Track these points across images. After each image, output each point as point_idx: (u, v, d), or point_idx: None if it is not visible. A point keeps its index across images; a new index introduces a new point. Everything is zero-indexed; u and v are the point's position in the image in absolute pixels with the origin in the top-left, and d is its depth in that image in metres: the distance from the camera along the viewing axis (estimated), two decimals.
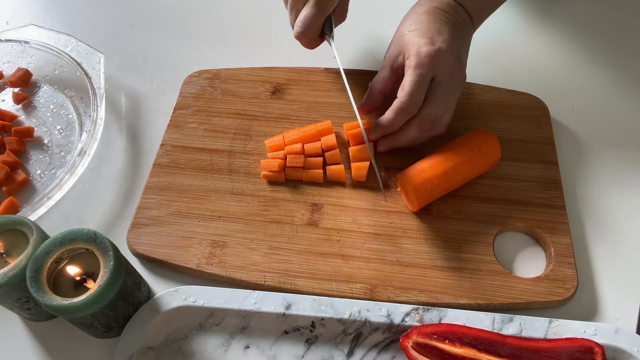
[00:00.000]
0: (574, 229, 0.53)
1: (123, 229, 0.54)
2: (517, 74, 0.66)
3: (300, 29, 0.55)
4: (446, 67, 0.50)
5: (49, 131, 0.62)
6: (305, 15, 0.54)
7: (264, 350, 0.47)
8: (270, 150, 0.57)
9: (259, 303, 0.47)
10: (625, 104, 0.64)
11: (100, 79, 0.61)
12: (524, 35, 0.71)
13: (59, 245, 0.42)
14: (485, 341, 0.44)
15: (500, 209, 0.53)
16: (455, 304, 0.48)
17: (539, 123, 0.60)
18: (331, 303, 0.47)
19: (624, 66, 0.67)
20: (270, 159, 0.56)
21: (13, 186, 0.56)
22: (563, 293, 0.48)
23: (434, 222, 0.53)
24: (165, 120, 0.62)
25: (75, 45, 0.64)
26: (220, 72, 0.65)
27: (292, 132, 0.57)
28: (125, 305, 0.45)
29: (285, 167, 0.55)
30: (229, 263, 0.51)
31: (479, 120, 0.60)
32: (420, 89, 0.50)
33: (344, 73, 0.56)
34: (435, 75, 0.51)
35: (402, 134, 0.53)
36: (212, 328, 0.48)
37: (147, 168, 0.58)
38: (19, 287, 0.42)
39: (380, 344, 0.47)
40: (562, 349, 0.43)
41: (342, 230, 0.52)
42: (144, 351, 0.45)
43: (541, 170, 0.56)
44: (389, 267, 0.50)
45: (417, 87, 0.50)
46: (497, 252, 0.51)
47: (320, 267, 0.50)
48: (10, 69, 0.66)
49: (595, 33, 0.71)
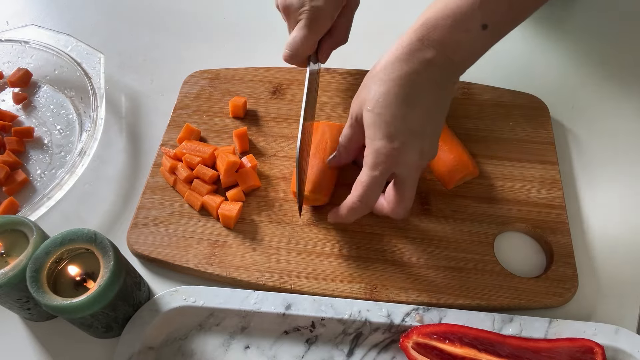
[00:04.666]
0: (574, 229, 0.53)
1: (123, 229, 0.54)
2: (517, 74, 0.66)
3: (288, 52, 0.52)
4: (406, 165, 0.45)
5: (49, 131, 0.62)
6: (294, 37, 0.52)
7: (264, 350, 0.47)
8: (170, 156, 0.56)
9: (259, 303, 0.47)
10: (625, 104, 0.64)
11: (100, 79, 0.61)
12: (524, 36, 0.71)
13: (59, 245, 0.42)
14: (485, 341, 0.44)
15: (500, 209, 0.53)
16: (455, 304, 0.48)
17: (539, 123, 0.60)
18: (331, 303, 0.47)
19: (624, 66, 0.67)
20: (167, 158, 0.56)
21: (13, 186, 0.56)
22: (563, 293, 0.48)
23: (434, 222, 0.53)
24: (165, 121, 0.61)
25: (75, 45, 0.64)
26: (220, 72, 0.65)
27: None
28: (125, 305, 0.45)
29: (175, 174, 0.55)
30: (229, 263, 0.50)
31: (479, 120, 0.60)
32: (372, 191, 0.45)
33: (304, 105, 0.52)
34: (395, 172, 0.45)
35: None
36: (212, 328, 0.48)
37: (147, 168, 0.58)
38: (19, 287, 0.42)
39: (381, 344, 0.47)
40: (562, 349, 0.43)
41: (342, 230, 0.52)
42: (144, 351, 0.45)
43: (541, 170, 0.56)
44: (389, 267, 0.50)
45: (369, 190, 0.45)
46: (498, 252, 0.51)
47: (321, 267, 0.50)
48: (10, 69, 0.66)
49: (595, 33, 0.71)
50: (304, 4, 0.51)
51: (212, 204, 0.53)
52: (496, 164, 0.56)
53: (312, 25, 0.51)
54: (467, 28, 0.42)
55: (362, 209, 0.47)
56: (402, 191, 0.46)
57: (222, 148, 0.57)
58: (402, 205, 0.47)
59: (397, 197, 0.47)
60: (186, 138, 0.58)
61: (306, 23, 0.51)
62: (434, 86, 0.44)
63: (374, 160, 0.44)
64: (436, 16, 0.42)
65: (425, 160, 0.46)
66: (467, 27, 0.42)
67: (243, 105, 0.61)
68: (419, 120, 0.44)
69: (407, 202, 0.47)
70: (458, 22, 0.42)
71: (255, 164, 0.56)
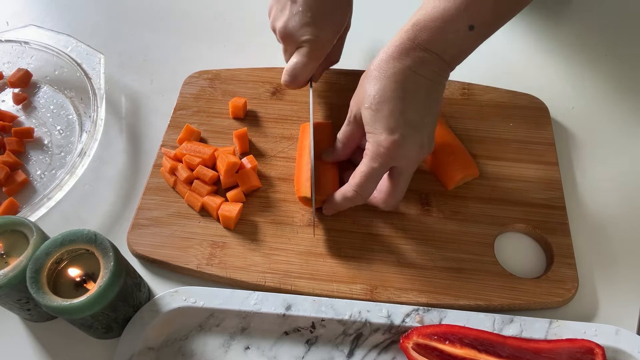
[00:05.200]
0: (574, 230, 0.53)
1: (123, 230, 0.54)
2: (517, 74, 0.66)
3: (288, 78, 0.54)
4: (406, 158, 0.46)
5: (49, 132, 0.62)
6: (295, 63, 0.53)
7: (264, 351, 0.47)
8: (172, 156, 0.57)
9: (259, 304, 0.47)
10: (625, 105, 0.64)
11: (100, 80, 0.61)
12: (524, 36, 0.71)
13: (59, 246, 0.42)
14: (485, 342, 0.44)
15: (500, 209, 0.53)
16: (455, 305, 0.48)
17: (539, 123, 0.60)
18: (331, 304, 0.47)
19: (625, 67, 0.67)
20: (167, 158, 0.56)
21: (13, 187, 0.56)
22: (563, 294, 0.48)
23: (434, 222, 0.53)
24: (165, 121, 0.61)
25: (75, 46, 0.64)
26: (220, 73, 0.65)
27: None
28: (126, 306, 0.44)
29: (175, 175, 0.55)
30: (229, 264, 0.50)
31: (479, 120, 0.60)
32: (370, 182, 0.46)
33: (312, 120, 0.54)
34: (394, 165, 0.46)
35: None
36: (212, 329, 0.48)
37: (147, 169, 0.58)
38: (19, 288, 0.42)
39: (381, 344, 0.47)
40: (562, 349, 0.43)
41: (342, 231, 0.52)
42: (144, 352, 0.45)
43: (541, 171, 0.56)
44: (389, 267, 0.50)
45: (367, 180, 0.46)
46: (498, 253, 0.51)
47: (321, 268, 0.50)
48: (10, 70, 0.66)
49: (595, 33, 0.71)
50: (306, 33, 0.52)
51: (212, 204, 0.53)
52: (496, 165, 0.56)
53: (314, 53, 0.53)
54: (455, 29, 0.44)
55: (356, 198, 0.48)
56: (397, 183, 0.48)
57: (222, 149, 0.57)
58: (394, 196, 0.48)
59: (390, 188, 0.48)
60: (186, 139, 0.58)
61: (308, 52, 0.52)
62: (427, 81, 0.45)
63: (374, 153, 0.45)
64: (425, 18, 0.44)
65: (424, 154, 0.47)
66: (454, 29, 0.44)
67: (243, 106, 0.61)
68: (416, 113, 0.45)
69: (399, 193, 0.48)
70: (446, 24, 0.44)
71: (255, 165, 0.56)
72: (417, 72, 0.45)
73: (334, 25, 0.53)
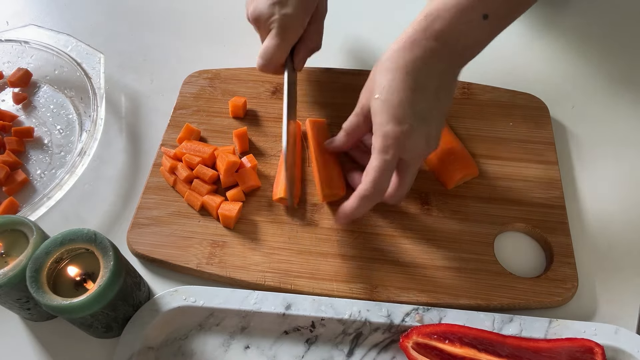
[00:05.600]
0: (574, 229, 0.53)
1: (123, 229, 0.54)
2: (517, 74, 0.66)
3: (261, 61, 0.54)
4: (413, 150, 0.45)
5: (49, 131, 0.62)
6: (266, 46, 0.53)
7: (264, 350, 0.47)
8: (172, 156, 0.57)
9: (259, 303, 0.47)
10: (625, 104, 0.64)
11: (100, 79, 0.61)
12: (524, 36, 0.71)
13: (59, 245, 0.42)
14: (485, 341, 0.44)
15: (500, 209, 0.53)
16: (455, 304, 0.48)
17: (539, 123, 0.60)
18: (331, 303, 0.47)
19: (625, 66, 0.67)
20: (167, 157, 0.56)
21: (13, 186, 0.56)
22: (563, 293, 0.48)
23: (434, 222, 0.53)
24: (165, 121, 0.61)
25: (75, 46, 0.64)
26: (220, 72, 0.65)
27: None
28: (125, 305, 0.45)
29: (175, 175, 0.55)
30: (229, 263, 0.50)
31: (479, 120, 0.60)
32: (385, 176, 0.45)
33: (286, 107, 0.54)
34: (402, 157, 0.46)
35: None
36: (212, 328, 0.48)
37: (147, 168, 0.58)
38: (19, 287, 0.42)
39: (380, 344, 0.47)
40: (562, 349, 0.43)
41: (342, 230, 0.52)
42: (144, 351, 0.45)
43: (541, 170, 0.56)
44: (389, 267, 0.50)
45: (381, 175, 0.45)
46: (497, 252, 0.51)
47: (320, 267, 0.50)
48: (10, 69, 0.66)
49: (595, 33, 0.71)
50: (274, 13, 0.52)
51: (212, 204, 0.53)
52: (496, 164, 0.56)
53: (283, 33, 0.52)
54: (469, 19, 0.44)
55: (375, 195, 0.46)
56: (404, 177, 0.47)
57: (222, 148, 0.57)
58: (400, 190, 0.48)
59: (397, 183, 0.48)
60: (186, 138, 0.58)
61: (277, 32, 0.52)
62: (438, 73, 0.45)
63: (383, 144, 0.45)
64: (438, 8, 0.44)
65: (430, 148, 0.47)
66: (468, 18, 0.44)
67: (243, 105, 0.61)
68: (425, 105, 0.45)
69: (405, 188, 0.48)
70: (459, 13, 0.43)
71: (255, 164, 0.56)
72: (429, 63, 0.44)
73: (302, 2, 0.52)
